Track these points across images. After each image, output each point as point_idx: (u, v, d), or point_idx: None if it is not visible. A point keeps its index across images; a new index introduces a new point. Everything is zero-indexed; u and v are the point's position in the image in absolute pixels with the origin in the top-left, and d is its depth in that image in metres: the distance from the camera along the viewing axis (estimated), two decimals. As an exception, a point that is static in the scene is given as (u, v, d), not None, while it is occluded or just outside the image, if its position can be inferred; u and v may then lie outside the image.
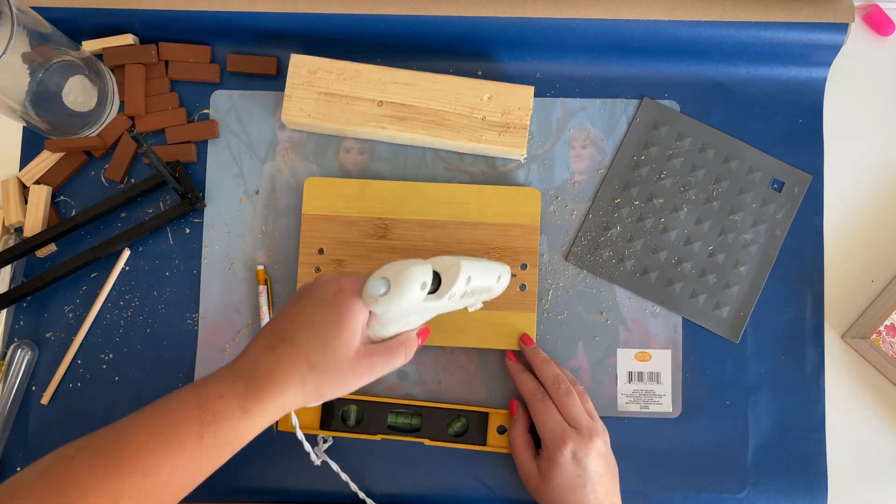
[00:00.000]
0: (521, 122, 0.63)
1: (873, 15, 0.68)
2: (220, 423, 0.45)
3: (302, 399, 0.48)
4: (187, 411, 0.45)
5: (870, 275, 0.66)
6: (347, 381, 0.49)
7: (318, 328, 0.48)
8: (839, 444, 0.64)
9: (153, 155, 0.57)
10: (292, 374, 0.47)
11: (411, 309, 0.49)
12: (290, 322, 0.49)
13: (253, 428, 0.46)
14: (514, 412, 0.61)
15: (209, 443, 0.44)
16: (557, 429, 0.56)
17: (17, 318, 0.64)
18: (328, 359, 0.48)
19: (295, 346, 0.48)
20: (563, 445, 0.55)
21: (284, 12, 0.64)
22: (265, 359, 0.47)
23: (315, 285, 0.51)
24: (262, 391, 0.46)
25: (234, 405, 0.45)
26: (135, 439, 0.44)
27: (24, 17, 0.55)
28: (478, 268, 0.52)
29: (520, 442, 0.60)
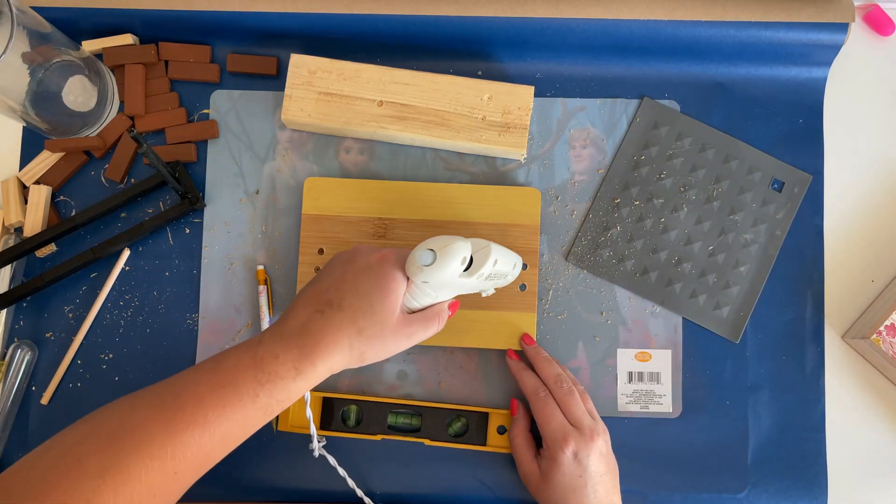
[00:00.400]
0: (521, 122, 0.63)
1: (873, 15, 0.68)
2: (275, 383, 0.46)
3: (347, 361, 0.50)
4: (245, 370, 0.46)
5: (870, 275, 0.66)
6: (389, 346, 0.51)
7: (366, 294, 0.50)
8: (839, 444, 0.64)
9: (153, 155, 0.57)
10: (341, 337, 0.48)
11: (447, 282, 0.51)
12: (335, 288, 0.50)
13: (303, 388, 0.48)
14: (514, 411, 0.62)
15: (264, 401, 0.46)
16: (559, 428, 0.56)
17: (17, 318, 0.64)
18: (375, 324, 0.49)
19: (344, 311, 0.49)
20: (565, 445, 0.56)
21: (284, 12, 0.64)
22: (316, 322, 0.48)
23: (356, 252, 0.53)
24: (314, 353, 0.47)
25: (289, 366, 0.47)
26: (195, 394, 0.45)
27: (24, 17, 0.55)
28: (503, 253, 0.55)
29: (520, 441, 0.60)
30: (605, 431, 0.58)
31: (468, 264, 0.52)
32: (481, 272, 0.52)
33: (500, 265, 0.55)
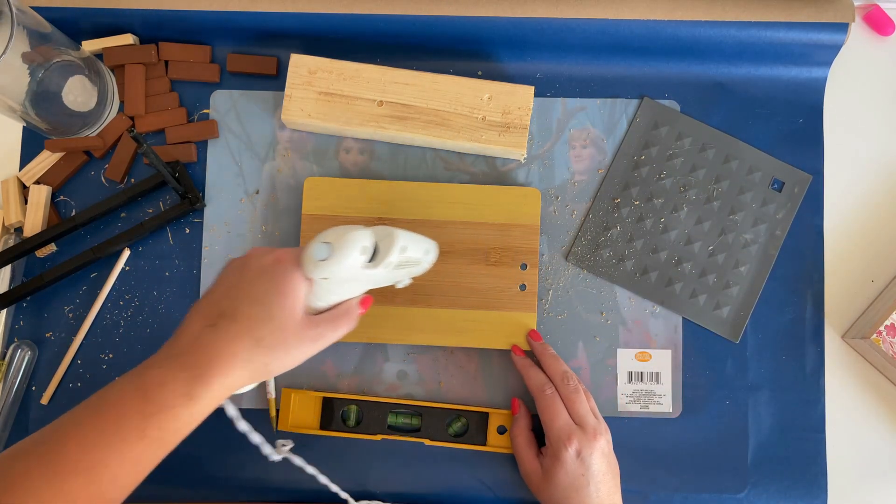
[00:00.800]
0: (521, 122, 0.63)
1: (873, 15, 0.68)
2: (165, 413, 0.42)
3: (249, 377, 0.46)
4: (129, 403, 0.42)
5: (870, 275, 0.66)
6: (294, 353, 0.47)
7: (261, 300, 0.46)
8: (839, 444, 0.64)
9: (153, 155, 0.57)
10: (238, 351, 0.44)
11: (350, 276, 0.48)
12: (227, 296, 0.46)
13: (200, 413, 0.44)
14: (515, 410, 0.61)
15: (154, 434, 0.42)
16: (564, 426, 0.56)
17: (17, 318, 0.64)
18: (275, 332, 0.46)
19: (238, 321, 0.45)
20: (569, 443, 0.55)
21: (284, 12, 0.64)
22: (207, 338, 0.45)
23: (249, 257, 0.49)
24: (207, 374, 0.43)
25: (179, 392, 0.43)
26: (77, 436, 0.41)
27: (24, 17, 0.55)
28: (411, 239, 0.52)
29: (522, 440, 0.60)
30: (607, 431, 0.58)
31: (373, 255, 0.49)
32: (388, 261, 0.49)
33: (411, 252, 0.51)
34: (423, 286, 0.62)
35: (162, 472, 0.60)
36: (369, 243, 0.48)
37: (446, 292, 0.63)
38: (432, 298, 0.62)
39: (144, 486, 0.60)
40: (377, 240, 0.49)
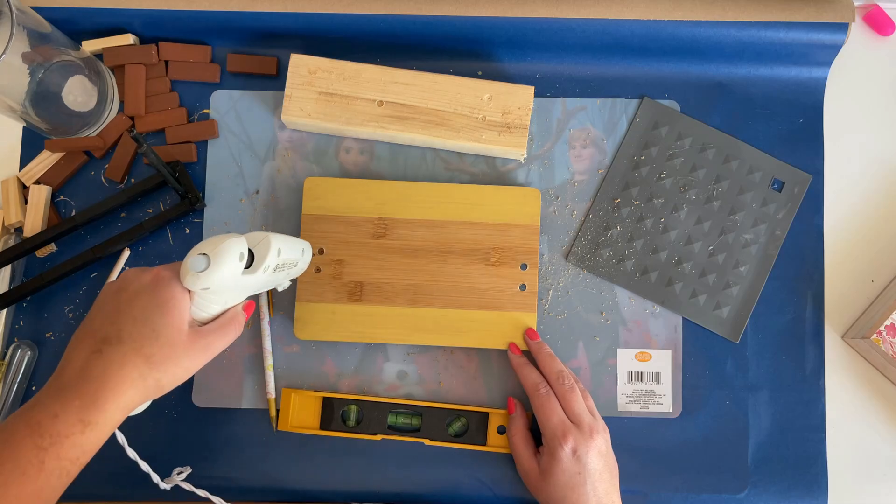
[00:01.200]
0: (521, 122, 0.63)
1: (873, 15, 0.68)
2: (61, 443, 0.42)
3: (143, 395, 0.46)
4: (21, 440, 0.42)
5: (870, 275, 0.66)
6: (185, 365, 0.47)
7: (145, 319, 0.46)
8: (839, 444, 0.64)
9: (153, 155, 0.57)
10: (129, 372, 0.45)
11: (230, 284, 0.48)
12: (109, 321, 0.46)
13: (98, 437, 0.44)
14: (511, 410, 0.62)
15: (53, 465, 0.42)
16: (559, 424, 0.56)
17: (17, 318, 0.64)
18: (164, 348, 0.46)
19: (125, 343, 0.45)
20: (564, 441, 0.55)
21: (284, 12, 0.64)
22: (95, 364, 0.44)
23: (125, 279, 0.49)
24: (100, 399, 0.43)
25: (73, 420, 0.43)
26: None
27: (24, 17, 0.55)
28: (285, 241, 0.53)
29: (519, 439, 0.60)
30: (605, 430, 0.58)
31: (250, 261, 0.49)
32: (266, 265, 0.49)
33: (286, 254, 0.52)
34: (424, 286, 0.62)
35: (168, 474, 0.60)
36: (245, 250, 0.48)
37: (446, 292, 0.63)
38: (432, 298, 0.62)
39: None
40: (253, 245, 0.50)
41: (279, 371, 0.64)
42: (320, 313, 0.62)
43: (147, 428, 0.61)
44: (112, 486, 0.62)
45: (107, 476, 0.62)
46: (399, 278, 0.63)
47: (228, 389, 0.63)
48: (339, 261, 0.63)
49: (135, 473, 0.57)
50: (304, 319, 0.62)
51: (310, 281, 0.63)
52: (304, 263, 0.58)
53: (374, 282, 0.63)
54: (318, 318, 0.62)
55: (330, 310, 0.62)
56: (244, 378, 0.63)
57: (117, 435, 0.54)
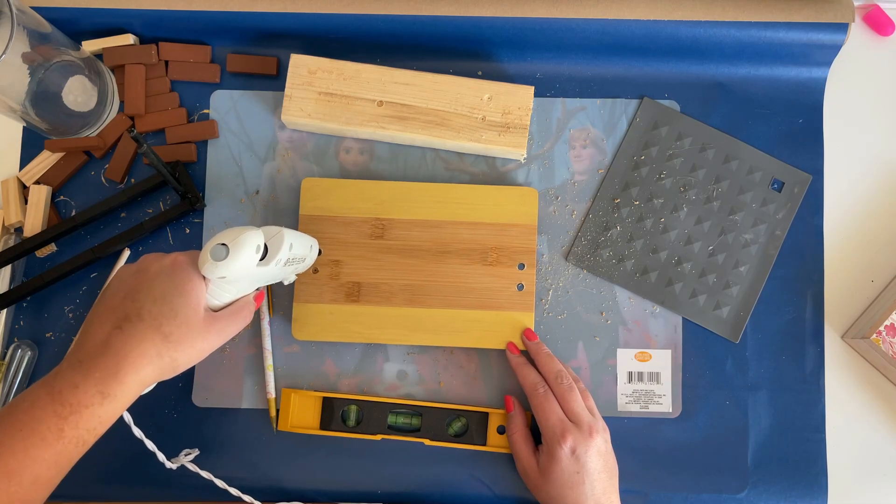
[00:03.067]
0: (521, 122, 0.63)
1: (873, 15, 0.68)
2: (80, 413, 0.44)
3: (159, 372, 0.48)
4: (42, 408, 0.44)
5: (870, 275, 0.66)
6: (200, 347, 0.49)
7: (165, 299, 0.48)
8: (839, 444, 0.64)
9: (153, 155, 0.57)
10: (147, 348, 0.46)
11: (244, 274, 0.50)
12: (130, 299, 0.48)
13: (116, 410, 0.46)
14: (510, 408, 0.62)
15: (71, 434, 0.44)
16: (558, 423, 0.57)
17: (17, 318, 0.64)
18: (181, 327, 0.48)
19: (144, 321, 0.47)
20: (563, 440, 0.56)
21: (284, 12, 0.64)
22: (116, 339, 0.46)
23: (145, 261, 0.51)
24: (121, 372, 0.45)
25: (93, 391, 0.44)
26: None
27: (24, 17, 0.55)
28: (297, 237, 0.55)
29: (518, 437, 0.60)
30: (604, 429, 0.58)
31: (264, 253, 0.51)
32: (278, 258, 0.51)
33: (296, 249, 0.54)
34: (421, 286, 0.62)
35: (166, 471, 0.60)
36: (262, 242, 0.50)
37: (444, 292, 0.63)
38: (430, 299, 0.62)
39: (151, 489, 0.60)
40: (267, 238, 0.52)
41: (279, 371, 0.64)
42: (318, 314, 0.62)
43: (147, 428, 0.60)
44: (119, 468, 0.63)
45: (112, 458, 0.62)
46: (396, 278, 0.63)
47: (228, 389, 0.63)
48: (336, 261, 0.63)
49: (140, 458, 0.58)
50: (302, 320, 0.62)
51: (307, 282, 0.63)
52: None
53: (371, 282, 0.63)
54: (316, 319, 0.62)
55: (328, 310, 0.62)
56: (244, 378, 0.63)
57: (124, 415, 0.55)
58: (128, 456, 0.61)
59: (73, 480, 0.56)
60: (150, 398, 0.62)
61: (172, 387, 0.63)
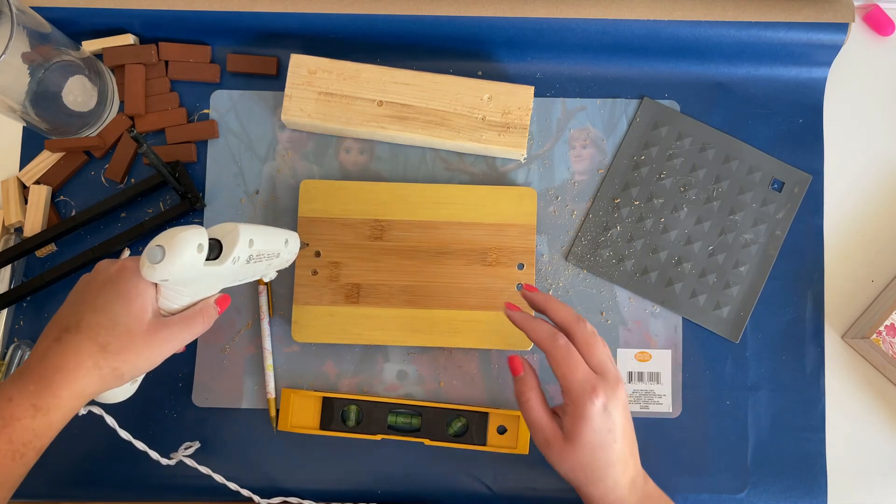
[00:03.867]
0: (521, 122, 0.63)
1: (873, 15, 0.68)
2: (12, 426, 0.43)
3: (100, 383, 0.47)
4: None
5: (870, 275, 0.66)
6: (146, 355, 0.48)
7: (105, 308, 0.47)
8: (839, 444, 0.64)
9: (153, 155, 0.57)
10: (83, 359, 0.45)
11: (194, 276, 0.48)
12: (72, 311, 0.48)
13: (50, 423, 0.45)
14: (519, 369, 0.53)
15: (3, 447, 0.43)
16: (586, 378, 0.50)
17: (17, 318, 0.64)
18: (121, 337, 0.46)
19: (82, 332, 0.46)
20: (594, 395, 0.49)
21: (284, 12, 0.64)
22: (53, 352, 0.46)
23: (95, 271, 0.50)
24: (54, 384, 0.45)
25: (26, 405, 0.44)
26: None
27: (24, 17, 0.55)
28: (259, 231, 0.52)
29: (535, 403, 0.52)
30: (622, 379, 0.52)
31: (218, 252, 0.49)
32: (235, 255, 0.49)
33: (260, 245, 0.51)
34: (421, 287, 0.62)
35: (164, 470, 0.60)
36: (204, 241, 0.47)
37: (444, 293, 0.63)
38: (429, 299, 0.62)
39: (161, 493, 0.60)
40: (220, 237, 0.49)
41: (279, 371, 0.64)
42: (318, 316, 0.62)
43: (147, 428, 0.61)
44: (117, 471, 0.63)
45: (109, 460, 0.62)
46: (396, 280, 0.63)
47: (228, 389, 0.63)
48: (335, 263, 0.63)
49: (139, 459, 0.59)
50: (301, 322, 0.62)
51: (307, 283, 0.63)
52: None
53: (371, 283, 0.63)
54: (315, 321, 0.62)
55: (327, 312, 0.62)
56: (244, 378, 0.63)
57: (106, 419, 0.55)
58: (126, 458, 0.61)
59: (69, 483, 0.56)
60: (151, 398, 0.63)
61: (172, 387, 0.63)
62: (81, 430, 0.59)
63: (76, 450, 0.62)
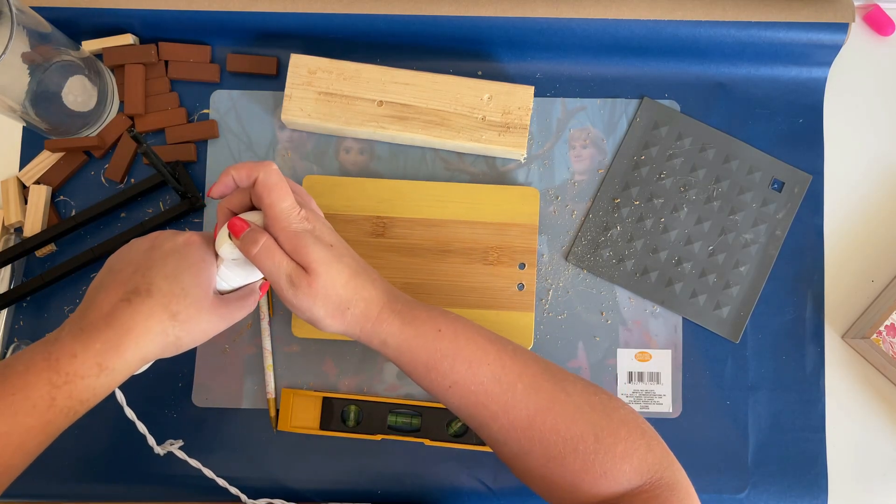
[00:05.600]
0: (521, 122, 0.63)
1: (873, 15, 0.68)
2: (75, 384, 0.43)
3: (161, 349, 0.47)
4: (38, 374, 0.42)
5: (870, 275, 0.66)
6: (205, 328, 0.48)
7: (176, 278, 0.47)
8: (839, 444, 0.64)
9: (153, 155, 0.57)
10: (153, 325, 0.45)
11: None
12: (140, 273, 0.47)
13: (111, 383, 0.45)
14: (243, 226, 0.49)
15: (63, 404, 0.43)
16: (293, 204, 0.49)
17: (17, 318, 0.64)
18: (189, 307, 0.47)
19: (153, 297, 0.46)
20: (304, 219, 0.49)
21: (284, 12, 0.64)
22: (122, 313, 0.45)
23: (158, 238, 0.50)
24: (122, 346, 0.44)
25: (91, 363, 0.43)
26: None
27: (24, 17, 0.55)
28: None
29: (273, 244, 0.48)
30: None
31: None
32: None
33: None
34: (422, 285, 0.62)
35: (163, 468, 0.60)
36: None
37: (444, 292, 0.63)
38: (430, 297, 0.62)
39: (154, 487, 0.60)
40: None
41: (279, 371, 0.64)
42: (320, 313, 0.62)
43: (147, 427, 0.60)
44: (110, 454, 0.63)
45: (105, 445, 0.63)
46: (397, 277, 0.63)
47: (228, 389, 0.63)
48: (338, 261, 0.63)
49: (133, 453, 0.59)
50: (303, 319, 0.62)
51: None
52: None
53: (373, 282, 0.63)
54: (317, 318, 0.62)
55: (330, 310, 0.62)
56: (244, 378, 0.63)
57: (116, 393, 0.55)
58: (120, 452, 0.62)
59: (69, 478, 0.56)
60: (150, 398, 0.63)
61: (172, 387, 0.63)
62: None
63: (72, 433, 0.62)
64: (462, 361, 0.48)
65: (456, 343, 0.48)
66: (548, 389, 0.47)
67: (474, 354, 0.48)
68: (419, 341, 0.49)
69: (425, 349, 0.48)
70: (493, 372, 0.48)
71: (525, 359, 0.49)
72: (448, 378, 0.48)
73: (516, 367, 0.48)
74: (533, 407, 0.47)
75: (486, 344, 0.49)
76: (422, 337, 0.49)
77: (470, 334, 0.49)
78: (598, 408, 0.47)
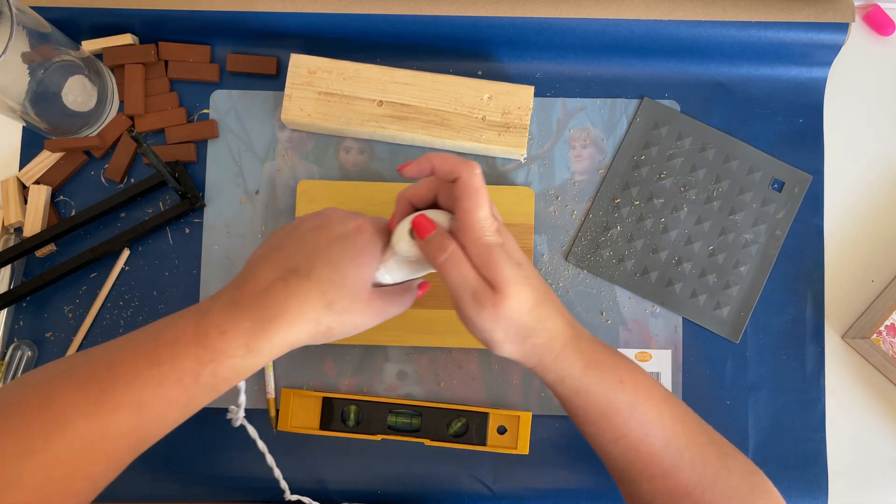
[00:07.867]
0: (521, 122, 0.63)
1: (873, 15, 0.68)
2: (220, 362, 0.41)
3: (311, 337, 0.45)
4: (185, 346, 0.41)
5: (870, 275, 0.66)
6: (358, 322, 0.46)
7: (338, 265, 0.44)
8: (839, 444, 0.64)
9: (153, 155, 0.57)
10: (307, 310, 0.43)
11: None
12: (302, 253, 0.45)
13: (255, 365, 0.43)
14: (429, 227, 0.47)
15: (207, 381, 0.41)
16: (487, 216, 0.46)
17: (17, 318, 0.64)
18: (346, 298, 0.44)
19: (312, 281, 0.44)
20: (498, 237, 0.47)
21: (284, 12, 0.64)
22: (277, 292, 0.43)
23: (329, 218, 0.47)
24: (273, 328, 0.42)
25: (239, 343, 0.42)
26: (129, 370, 0.40)
27: (24, 17, 0.55)
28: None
29: (462, 255, 0.46)
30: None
31: None
32: None
33: None
34: (423, 286, 0.62)
35: (173, 468, 0.60)
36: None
37: (443, 292, 0.62)
38: (429, 299, 0.62)
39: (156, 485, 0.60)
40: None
41: (279, 371, 0.64)
42: (320, 313, 0.62)
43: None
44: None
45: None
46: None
47: (228, 389, 0.63)
48: (338, 261, 0.63)
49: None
50: (303, 319, 0.62)
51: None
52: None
53: (373, 282, 0.63)
54: (317, 318, 0.62)
55: (330, 310, 0.62)
56: (244, 378, 0.63)
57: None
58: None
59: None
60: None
61: (172, 387, 0.63)
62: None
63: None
64: (637, 419, 0.46)
65: (636, 398, 0.47)
66: (713, 464, 0.46)
67: (650, 414, 0.47)
68: (599, 388, 0.46)
69: (605, 398, 0.46)
70: (665, 436, 0.46)
71: (693, 425, 0.48)
72: (618, 431, 0.46)
73: (686, 434, 0.47)
74: (696, 480, 0.46)
75: (662, 403, 0.47)
76: (603, 384, 0.46)
77: (650, 392, 0.47)
78: (755, 491, 0.47)
